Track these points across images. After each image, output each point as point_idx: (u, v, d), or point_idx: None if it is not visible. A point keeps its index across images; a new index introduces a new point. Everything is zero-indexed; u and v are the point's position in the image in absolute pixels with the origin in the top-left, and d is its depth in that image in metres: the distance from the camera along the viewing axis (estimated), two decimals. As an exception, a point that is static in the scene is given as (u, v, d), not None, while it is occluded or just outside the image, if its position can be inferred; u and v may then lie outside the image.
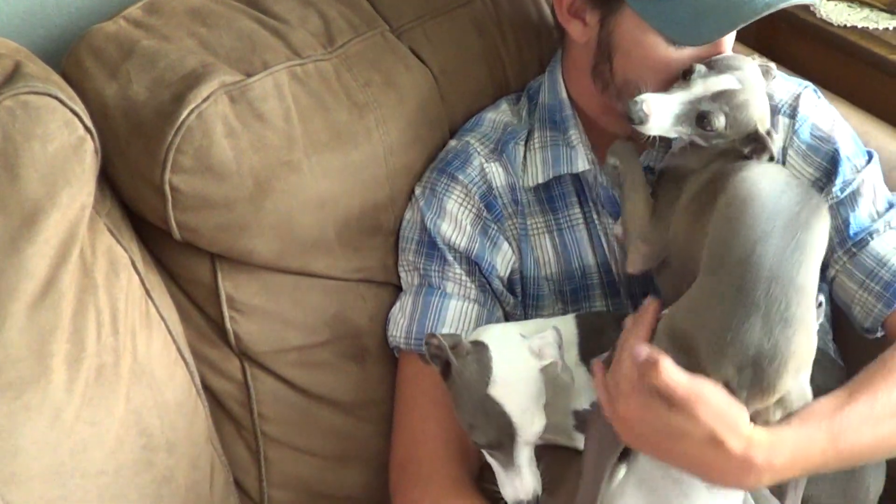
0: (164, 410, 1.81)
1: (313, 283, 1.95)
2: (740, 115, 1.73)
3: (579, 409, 1.77)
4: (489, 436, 1.67)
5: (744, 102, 1.74)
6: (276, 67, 1.85)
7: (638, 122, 1.71)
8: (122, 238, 1.82)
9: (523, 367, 1.68)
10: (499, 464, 1.70)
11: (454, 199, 1.93)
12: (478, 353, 1.68)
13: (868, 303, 1.83)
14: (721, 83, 1.74)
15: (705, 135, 1.74)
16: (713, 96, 1.73)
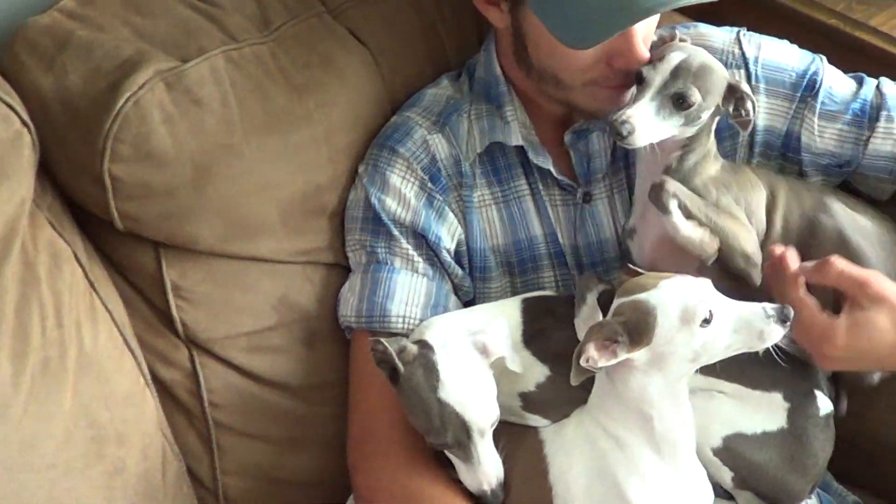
0: (113, 402, 1.80)
1: (259, 267, 1.94)
2: (708, 78, 1.75)
3: (525, 391, 1.78)
4: (445, 437, 1.68)
5: (701, 65, 1.75)
6: (211, 52, 1.84)
7: (627, 137, 1.71)
8: (63, 231, 1.81)
9: (471, 366, 1.69)
10: (458, 459, 1.72)
11: (397, 172, 1.93)
12: (423, 356, 1.69)
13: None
14: (671, 60, 1.75)
15: (691, 115, 1.74)
16: (672, 75, 1.74)
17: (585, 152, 1.97)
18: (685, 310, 1.56)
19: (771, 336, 1.59)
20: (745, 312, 1.59)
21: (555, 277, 1.98)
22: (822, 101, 1.92)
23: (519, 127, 1.95)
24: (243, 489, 2.02)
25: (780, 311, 1.58)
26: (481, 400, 1.69)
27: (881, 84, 1.94)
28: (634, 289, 1.61)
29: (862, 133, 1.91)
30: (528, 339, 1.81)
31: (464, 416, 1.67)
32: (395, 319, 1.88)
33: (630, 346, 1.58)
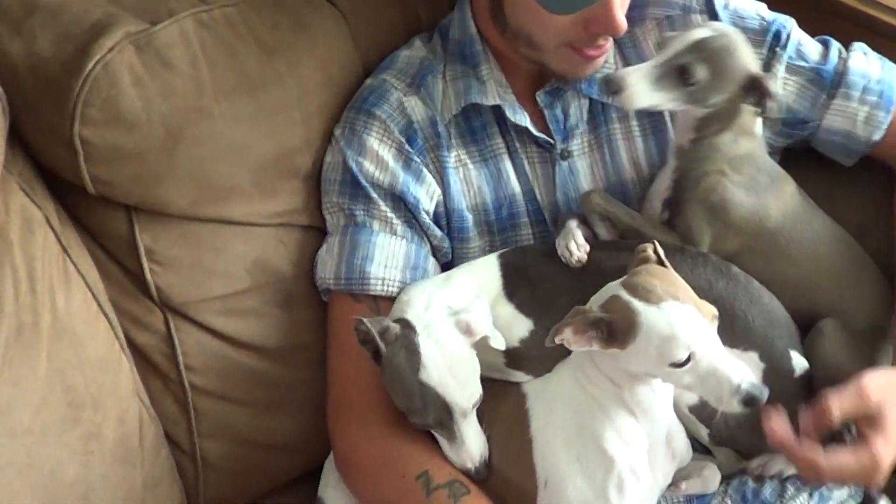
0: (88, 367, 1.80)
1: (232, 230, 1.94)
2: (724, 61, 1.75)
3: (509, 348, 1.79)
4: (427, 417, 1.70)
5: (724, 47, 1.76)
6: (181, 15, 1.84)
7: (615, 92, 1.73)
8: (35, 196, 1.80)
9: (453, 348, 1.70)
10: (442, 437, 1.73)
11: (374, 135, 1.93)
12: (405, 337, 1.69)
13: (871, 114, 1.96)
14: (694, 35, 1.75)
15: (694, 93, 1.75)
16: (689, 48, 1.74)
17: (561, 110, 1.98)
18: (666, 344, 1.54)
19: (727, 408, 1.57)
20: (718, 372, 1.55)
21: (533, 235, 1.99)
22: (789, 54, 1.95)
23: (495, 86, 1.95)
24: (221, 452, 2.02)
25: (751, 394, 1.54)
26: (463, 382, 1.70)
27: (849, 56, 1.97)
28: (640, 290, 1.57)
29: (820, 95, 1.94)
30: (510, 294, 1.82)
31: (445, 398, 1.68)
32: (375, 281, 1.88)
33: (604, 343, 1.57)
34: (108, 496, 1.83)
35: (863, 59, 1.97)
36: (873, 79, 1.95)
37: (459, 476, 1.75)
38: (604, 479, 1.68)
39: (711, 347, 1.55)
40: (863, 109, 1.94)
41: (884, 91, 1.95)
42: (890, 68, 1.98)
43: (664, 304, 1.55)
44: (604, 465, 1.68)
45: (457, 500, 1.73)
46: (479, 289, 1.81)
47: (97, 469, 1.80)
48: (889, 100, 1.94)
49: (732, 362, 1.56)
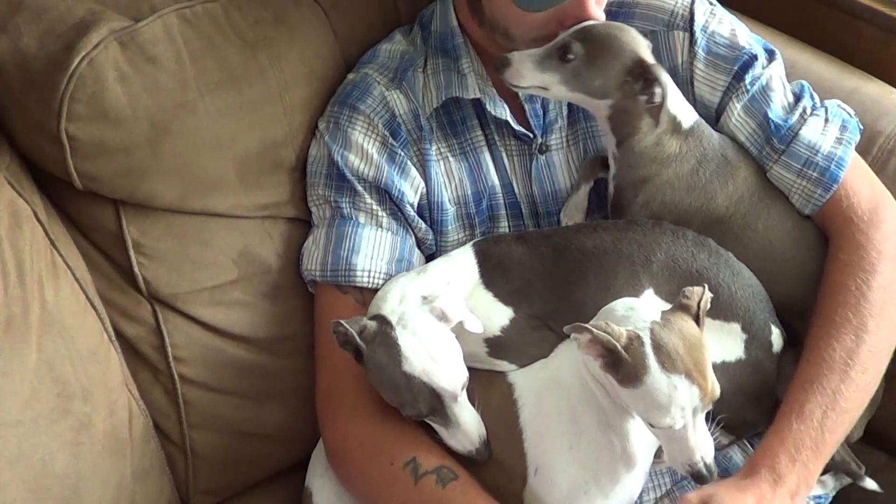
0: (77, 358, 1.81)
1: (218, 222, 1.96)
2: (603, 43, 1.79)
3: (490, 337, 1.80)
4: (419, 407, 1.71)
5: (606, 33, 1.80)
6: (164, 11, 1.86)
7: (500, 67, 1.80)
8: (23, 191, 1.81)
9: (431, 335, 1.71)
10: (439, 425, 1.74)
11: (358, 129, 1.95)
12: (383, 333, 1.71)
13: (807, 190, 1.91)
14: (582, 23, 1.81)
15: (575, 71, 1.79)
16: (573, 32, 1.79)
17: (540, 104, 2.00)
18: (655, 410, 1.55)
19: (676, 468, 1.63)
20: (685, 446, 1.58)
21: (510, 228, 2.01)
22: (753, 93, 1.94)
23: (476, 79, 1.97)
24: (210, 443, 2.04)
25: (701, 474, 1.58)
26: (447, 366, 1.70)
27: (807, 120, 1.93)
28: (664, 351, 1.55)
29: (765, 148, 1.93)
30: (487, 282, 1.83)
31: (432, 385, 1.69)
32: (360, 273, 1.90)
33: (606, 367, 1.58)
34: (98, 487, 1.84)
35: (818, 126, 1.93)
36: (822, 152, 1.91)
37: (447, 461, 1.76)
38: (596, 467, 1.70)
39: (693, 426, 1.58)
40: (799, 183, 1.91)
41: (829, 168, 1.90)
42: (847, 141, 1.94)
43: (674, 377, 1.55)
44: (596, 455, 1.70)
45: (445, 485, 1.74)
46: (456, 279, 1.82)
47: (87, 460, 1.82)
48: (833, 177, 1.90)
49: (702, 439, 1.59)
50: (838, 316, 1.82)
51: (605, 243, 1.81)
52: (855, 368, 1.78)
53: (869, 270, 1.85)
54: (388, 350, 1.70)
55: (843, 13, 2.19)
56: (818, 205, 1.92)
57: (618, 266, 1.79)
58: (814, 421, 1.74)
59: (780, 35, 2.23)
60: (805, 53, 2.22)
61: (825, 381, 1.77)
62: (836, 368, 1.78)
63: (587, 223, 1.93)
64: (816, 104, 1.97)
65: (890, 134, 2.09)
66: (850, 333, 1.80)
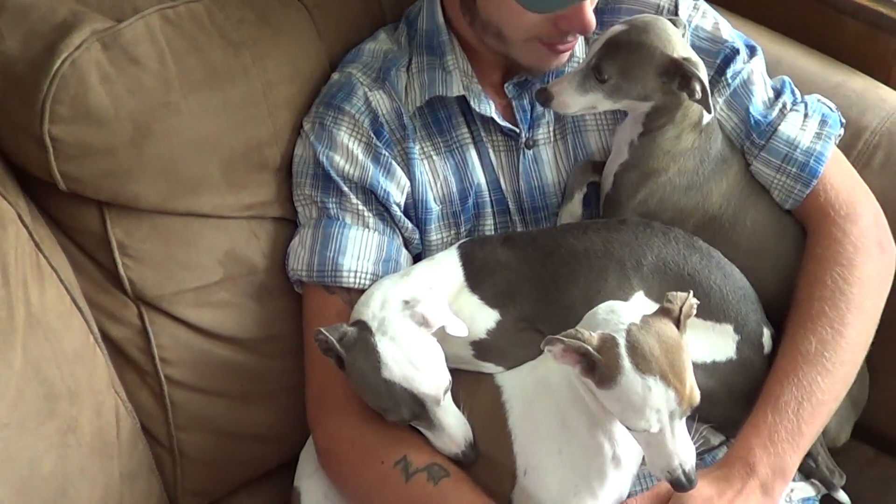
0: (63, 360, 1.81)
1: (203, 223, 1.96)
2: (631, 54, 1.79)
3: (476, 339, 1.80)
4: (402, 414, 1.71)
5: (631, 40, 1.80)
6: (147, 12, 1.85)
7: (545, 102, 1.82)
8: (7, 193, 1.81)
9: (410, 341, 1.71)
10: (424, 429, 1.75)
11: (344, 130, 1.95)
12: (363, 339, 1.71)
13: (786, 185, 1.93)
14: (606, 35, 1.81)
15: (615, 89, 1.81)
16: (602, 47, 1.80)
17: (528, 101, 2.00)
18: (630, 412, 1.54)
19: (655, 473, 1.62)
20: (664, 451, 1.56)
21: (495, 225, 2.01)
22: (734, 87, 1.96)
23: (461, 76, 1.97)
24: (198, 444, 2.04)
25: (680, 481, 1.57)
26: (427, 372, 1.71)
27: (786, 116, 1.96)
28: (638, 352, 1.54)
29: (745, 142, 1.96)
30: (473, 285, 1.83)
31: (413, 391, 1.70)
32: (347, 274, 1.90)
33: (584, 372, 1.57)
34: (85, 489, 1.83)
35: (798, 121, 1.95)
36: (801, 147, 1.92)
37: (438, 459, 1.76)
38: (586, 469, 1.69)
39: (671, 430, 1.56)
40: (779, 179, 1.93)
41: (808, 164, 1.92)
42: (827, 136, 1.95)
43: (649, 378, 1.53)
44: (586, 457, 1.69)
45: (436, 482, 1.74)
46: (440, 282, 1.82)
47: (74, 462, 1.81)
48: (812, 172, 1.92)
49: (681, 446, 1.57)
50: (814, 309, 1.83)
51: (595, 246, 1.81)
52: (832, 361, 1.80)
53: (846, 265, 1.87)
54: (367, 356, 1.70)
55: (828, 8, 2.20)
56: (798, 200, 1.93)
57: (608, 269, 1.79)
58: (789, 412, 1.75)
59: (765, 30, 2.24)
60: (790, 48, 2.23)
61: (801, 373, 1.78)
62: (813, 361, 1.79)
63: (576, 223, 1.93)
64: (797, 99, 1.98)
65: (875, 128, 2.10)
66: (826, 326, 1.82)
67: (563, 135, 2.02)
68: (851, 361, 1.84)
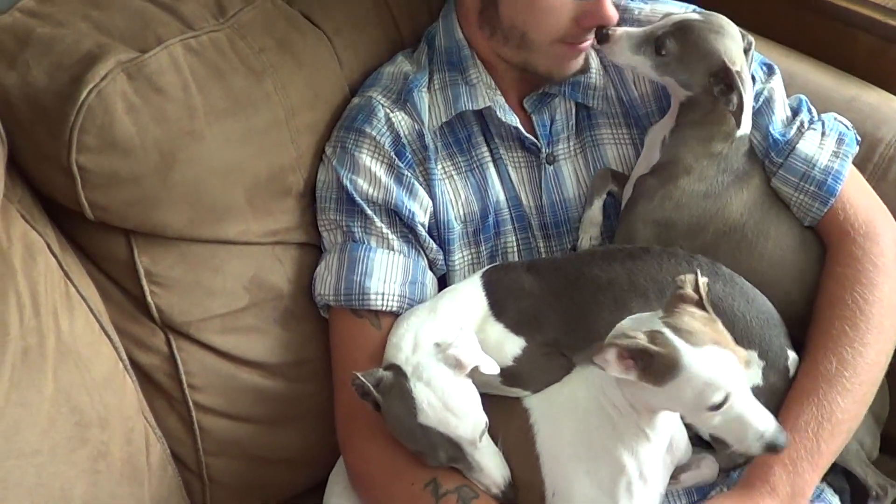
0: (93, 387, 1.82)
1: (229, 249, 1.97)
2: (695, 43, 1.83)
3: (503, 367, 1.80)
4: (439, 457, 1.72)
5: (701, 31, 1.83)
6: (170, 41, 1.87)
7: (601, 40, 1.86)
8: (36, 223, 1.83)
9: (445, 385, 1.71)
10: (463, 469, 1.75)
11: (366, 152, 1.97)
12: (398, 384, 1.72)
13: (805, 203, 1.94)
14: (682, 16, 1.86)
15: (666, 64, 1.85)
16: (671, 25, 1.84)
17: (548, 115, 2.02)
18: (705, 388, 1.54)
19: (747, 450, 1.61)
20: (746, 419, 1.57)
21: (516, 242, 2.03)
22: (756, 109, 1.96)
23: (484, 88, 1.99)
24: (227, 469, 2.05)
25: (774, 441, 1.58)
26: (462, 415, 1.71)
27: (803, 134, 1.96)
28: (684, 331, 1.56)
29: (764, 159, 1.96)
30: (497, 313, 1.83)
31: (449, 435, 1.70)
32: (374, 297, 1.91)
33: (642, 375, 1.56)
34: (116, 514, 1.85)
35: (815, 140, 1.96)
36: (818, 166, 1.93)
37: (467, 481, 1.76)
38: (613, 489, 1.69)
39: (744, 394, 1.58)
40: (797, 196, 1.94)
41: (826, 182, 1.93)
42: (844, 154, 1.96)
43: (707, 347, 1.55)
44: (613, 477, 1.69)
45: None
46: (465, 313, 1.83)
47: (105, 488, 1.82)
48: (830, 191, 1.93)
49: (760, 408, 1.59)
50: (835, 329, 1.84)
51: (619, 276, 1.81)
52: (851, 380, 1.80)
53: (866, 284, 1.87)
54: (403, 401, 1.71)
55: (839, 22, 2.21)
56: (817, 217, 1.94)
57: (632, 299, 1.79)
58: (809, 432, 1.76)
59: (778, 46, 2.25)
60: (803, 64, 2.24)
61: (821, 393, 1.79)
62: (833, 381, 1.80)
63: (599, 251, 1.92)
64: (814, 118, 1.99)
65: (890, 141, 2.10)
66: (846, 346, 1.82)
67: (581, 149, 2.04)
68: (871, 381, 1.84)
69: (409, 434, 1.72)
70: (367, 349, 1.90)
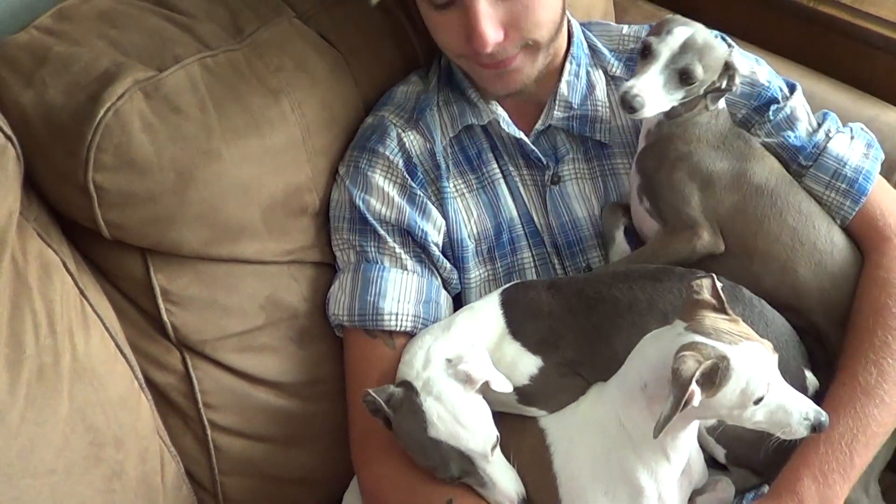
0: (108, 406, 1.82)
1: (245, 268, 1.97)
2: (710, 55, 1.82)
3: (520, 386, 1.80)
4: (450, 470, 1.72)
5: (705, 41, 1.82)
6: (187, 61, 1.87)
7: (638, 110, 1.78)
8: (51, 241, 1.84)
9: (456, 400, 1.72)
10: (475, 485, 1.75)
11: (379, 172, 1.97)
12: (409, 400, 1.72)
13: (836, 202, 1.93)
14: (679, 35, 1.81)
15: (693, 89, 1.82)
16: (681, 49, 1.80)
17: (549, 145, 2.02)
18: (749, 383, 1.54)
19: (794, 434, 1.59)
20: (787, 405, 1.57)
21: (533, 258, 2.02)
22: (776, 122, 1.97)
23: (483, 105, 1.99)
24: (242, 488, 2.04)
25: (818, 419, 1.57)
26: (473, 429, 1.71)
27: (833, 136, 1.96)
28: (718, 334, 1.56)
29: (790, 166, 1.95)
30: (514, 332, 1.83)
31: (460, 448, 1.70)
32: (388, 317, 1.91)
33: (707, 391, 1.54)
34: (132, 533, 1.84)
35: (845, 141, 1.96)
36: (850, 165, 1.93)
37: (483, 501, 1.76)
38: (631, 506, 1.69)
39: (780, 381, 1.58)
40: (828, 195, 1.93)
41: (857, 180, 1.92)
42: (874, 157, 1.96)
43: (743, 343, 1.55)
44: (632, 496, 1.68)
45: None
46: (481, 331, 1.82)
47: (120, 507, 1.82)
48: (861, 190, 1.92)
49: (794, 392, 1.59)
50: (878, 338, 1.81)
51: (639, 299, 1.80)
52: (890, 393, 1.77)
53: None
54: (414, 416, 1.71)
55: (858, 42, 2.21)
56: (848, 216, 1.93)
57: (651, 322, 1.77)
58: (842, 445, 1.73)
59: (797, 66, 2.25)
60: (823, 83, 2.24)
61: (859, 404, 1.75)
62: (872, 393, 1.76)
63: (621, 272, 1.88)
64: (840, 126, 2.00)
65: (909, 161, 2.09)
66: (888, 357, 1.79)
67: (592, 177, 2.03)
68: None
69: (420, 448, 1.72)
70: (381, 369, 1.89)
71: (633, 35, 2.08)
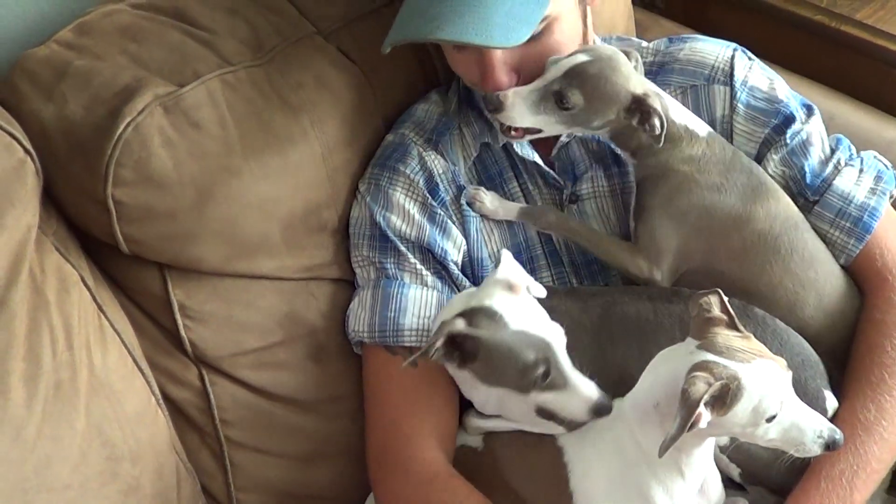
0: (125, 422, 1.82)
1: (263, 285, 1.97)
2: (600, 86, 1.79)
3: None
4: (538, 367, 1.69)
5: (599, 72, 1.79)
6: (207, 76, 1.88)
7: (493, 110, 1.80)
8: (70, 256, 1.84)
9: (514, 300, 1.73)
10: (554, 395, 1.72)
11: (400, 190, 1.97)
12: (481, 314, 1.71)
13: (840, 240, 1.93)
14: (570, 61, 1.80)
15: (575, 117, 1.80)
16: (565, 75, 1.79)
17: (569, 161, 2.02)
18: (762, 401, 1.54)
19: (808, 452, 1.60)
20: (802, 422, 1.58)
21: (552, 277, 2.01)
22: (791, 147, 1.96)
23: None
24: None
25: (833, 437, 1.58)
26: (543, 319, 1.72)
27: (841, 171, 1.95)
28: (730, 352, 1.56)
29: (798, 199, 1.94)
30: None
31: (540, 335, 1.70)
32: (409, 333, 1.90)
33: (719, 410, 1.55)
34: (147, 549, 1.84)
35: (853, 176, 1.95)
36: (855, 202, 1.92)
37: None
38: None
39: (794, 399, 1.58)
40: (832, 233, 1.93)
41: (862, 218, 1.92)
42: (882, 191, 1.95)
43: (756, 361, 1.55)
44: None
45: None
46: None
47: (136, 523, 1.82)
48: (866, 228, 1.92)
49: (808, 409, 1.59)
50: (874, 376, 1.82)
51: (646, 313, 1.81)
52: (889, 429, 1.78)
53: None
54: (492, 322, 1.70)
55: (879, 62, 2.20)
56: (852, 254, 1.92)
57: (658, 338, 1.78)
58: (843, 481, 1.74)
59: (818, 86, 2.24)
60: (843, 104, 2.23)
61: (859, 441, 1.76)
62: (871, 429, 1.78)
63: (636, 287, 1.90)
64: (852, 155, 1.99)
65: (931, 183, 2.08)
66: (885, 394, 1.81)
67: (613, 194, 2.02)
68: None
69: (509, 350, 1.70)
70: (400, 384, 1.89)
71: (653, 49, 2.07)
